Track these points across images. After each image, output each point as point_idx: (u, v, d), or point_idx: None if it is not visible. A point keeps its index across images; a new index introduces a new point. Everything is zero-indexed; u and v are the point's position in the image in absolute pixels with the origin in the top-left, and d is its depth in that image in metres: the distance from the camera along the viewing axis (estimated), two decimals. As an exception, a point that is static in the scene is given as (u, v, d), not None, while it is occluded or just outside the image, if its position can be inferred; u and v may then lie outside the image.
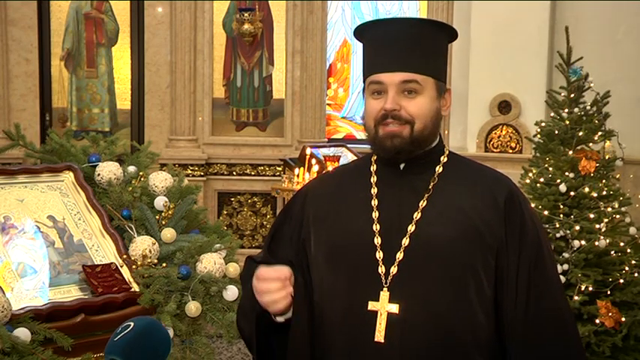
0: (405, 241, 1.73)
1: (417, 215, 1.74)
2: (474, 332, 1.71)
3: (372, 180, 1.82)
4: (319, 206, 1.85)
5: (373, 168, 1.83)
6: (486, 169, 1.86)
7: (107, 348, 1.60)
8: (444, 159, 1.82)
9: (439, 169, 1.80)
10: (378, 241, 1.74)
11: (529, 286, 1.73)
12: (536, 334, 1.73)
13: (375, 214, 1.76)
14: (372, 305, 1.70)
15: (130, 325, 1.62)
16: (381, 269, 1.72)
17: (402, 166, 1.79)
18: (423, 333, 1.68)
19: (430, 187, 1.77)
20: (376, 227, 1.75)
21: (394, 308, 1.69)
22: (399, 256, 1.72)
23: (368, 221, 1.76)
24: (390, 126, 1.73)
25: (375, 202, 1.78)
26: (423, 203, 1.75)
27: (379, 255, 1.73)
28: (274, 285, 1.72)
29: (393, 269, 1.71)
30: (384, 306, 1.69)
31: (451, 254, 1.71)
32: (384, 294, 1.70)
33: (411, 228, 1.73)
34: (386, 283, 1.71)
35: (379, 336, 1.68)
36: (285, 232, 1.92)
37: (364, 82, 1.81)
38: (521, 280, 1.73)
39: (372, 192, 1.80)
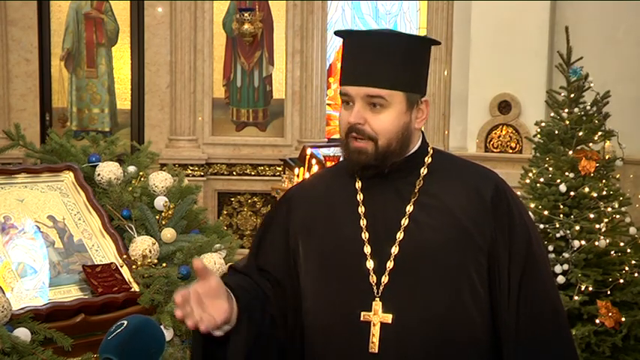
0: (395, 250, 1.71)
1: (404, 221, 1.72)
2: (470, 334, 1.71)
3: (357, 185, 1.79)
4: (306, 213, 1.83)
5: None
6: (471, 165, 1.84)
7: (101, 346, 1.60)
8: (428, 160, 1.80)
9: (424, 170, 1.78)
10: (367, 249, 1.72)
11: (520, 285, 1.72)
12: (529, 332, 1.72)
13: (363, 222, 1.75)
14: (365, 316, 1.69)
15: (123, 323, 1.62)
16: (372, 279, 1.70)
17: (386, 170, 1.76)
18: (419, 341, 1.67)
19: (416, 190, 1.75)
20: (365, 235, 1.73)
21: (387, 318, 1.67)
22: (390, 264, 1.70)
23: (356, 229, 1.74)
24: (356, 141, 1.72)
25: (362, 210, 1.76)
26: (409, 208, 1.74)
27: (369, 264, 1.71)
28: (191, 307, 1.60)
29: (384, 278, 1.70)
30: (377, 316, 1.68)
31: (442, 259, 1.70)
32: (377, 304, 1.69)
33: (400, 235, 1.71)
34: (378, 293, 1.69)
35: (373, 347, 1.67)
36: (270, 239, 1.88)
37: None
38: (513, 279, 1.72)
39: (358, 198, 1.78)
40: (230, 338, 1.67)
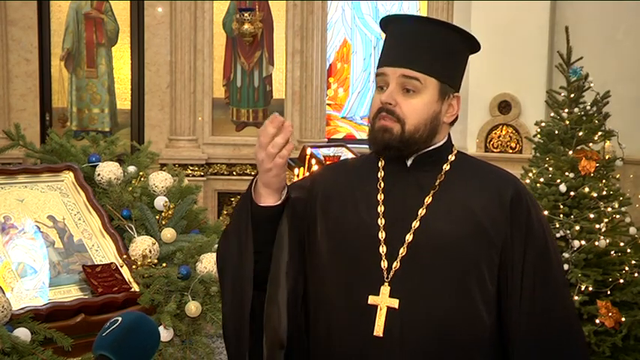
0: (409, 237, 1.73)
1: (421, 211, 1.74)
2: (474, 328, 1.71)
3: (379, 175, 1.82)
4: (326, 194, 1.84)
5: (381, 163, 1.83)
6: (494, 168, 1.87)
7: (95, 343, 1.60)
8: (451, 157, 1.82)
9: (446, 167, 1.80)
10: (382, 235, 1.74)
11: (534, 286, 1.74)
12: (540, 333, 1.73)
13: (381, 209, 1.77)
14: (372, 299, 1.70)
15: (118, 319, 1.62)
16: (384, 264, 1.72)
17: (409, 162, 1.79)
18: (423, 328, 1.69)
19: (437, 183, 1.78)
20: (381, 221, 1.75)
21: (394, 303, 1.69)
22: (402, 251, 1.72)
23: (373, 215, 1.76)
24: (383, 120, 1.74)
25: (381, 197, 1.78)
26: (428, 199, 1.76)
27: (382, 249, 1.73)
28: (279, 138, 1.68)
29: (396, 264, 1.72)
30: (384, 300, 1.70)
31: (454, 250, 1.71)
32: (385, 288, 1.70)
33: (416, 224, 1.73)
34: (387, 277, 1.71)
35: (378, 330, 1.69)
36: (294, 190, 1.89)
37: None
38: (526, 279, 1.74)
39: (379, 186, 1.80)
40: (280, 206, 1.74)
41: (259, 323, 1.77)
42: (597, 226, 3.75)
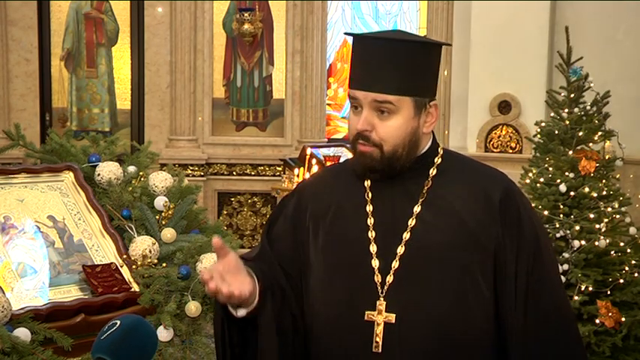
0: (401, 249, 1.71)
1: (411, 222, 1.73)
2: (473, 336, 1.71)
3: (366, 184, 1.80)
4: (315, 208, 1.83)
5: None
6: (482, 167, 1.84)
7: (94, 347, 1.60)
8: (437, 160, 1.80)
9: (433, 171, 1.78)
10: (373, 248, 1.73)
11: (527, 286, 1.73)
12: (536, 333, 1.72)
13: (371, 221, 1.75)
14: (368, 315, 1.69)
15: (116, 323, 1.63)
16: (377, 278, 1.71)
17: (395, 174, 1.76)
18: (422, 341, 1.68)
19: (424, 191, 1.76)
20: (371, 234, 1.74)
21: (391, 318, 1.68)
22: (395, 264, 1.71)
23: (363, 228, 1.75)
24: (362, 146, 1.73)
25: (370, 208, 1.77)
26: (417, 209, 1.74)
27: (375, 263, 1.72)
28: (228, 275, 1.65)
29: (389, 278, 1.70)
30: (381, 316, 1.69)
31: (447, 261, 1.70)
32: (381, 304, 1.69)
33: (406, 235, 1.72)
34: (382, 292, 1.70)
35: (377, 346, 1.68)
36: (279, 226, 1.89)
37: None
38: (520, 280, 1.72)
39: (367, 197, 1.78)
40: (259, 312, 1.71)
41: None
42: (597, 226, 3.75)
